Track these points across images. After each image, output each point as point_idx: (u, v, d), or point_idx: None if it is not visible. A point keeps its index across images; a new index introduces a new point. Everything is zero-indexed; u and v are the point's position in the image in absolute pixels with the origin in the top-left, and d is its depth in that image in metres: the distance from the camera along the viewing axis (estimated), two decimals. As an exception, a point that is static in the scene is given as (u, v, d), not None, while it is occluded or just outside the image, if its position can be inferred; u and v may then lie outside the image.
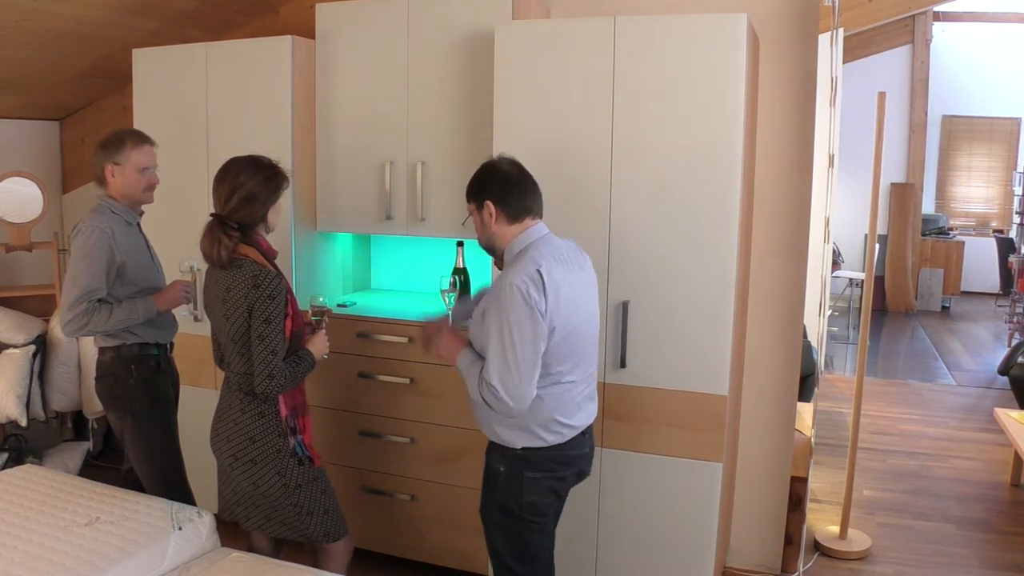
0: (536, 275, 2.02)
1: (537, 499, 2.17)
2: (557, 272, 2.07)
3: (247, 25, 3.85)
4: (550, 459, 2.16)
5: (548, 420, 2.12)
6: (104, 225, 2.53)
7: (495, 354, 2.02)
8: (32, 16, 3.14)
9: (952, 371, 6.65)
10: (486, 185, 2.16)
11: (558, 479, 2.19)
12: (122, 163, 2.57)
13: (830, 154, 3.34)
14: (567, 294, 2.08)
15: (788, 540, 3.15)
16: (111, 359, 2.63)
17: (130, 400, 2.63)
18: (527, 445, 2.14)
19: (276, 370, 2.20)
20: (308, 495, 2.34)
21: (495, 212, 2.14)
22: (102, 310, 2.50)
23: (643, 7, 3.02)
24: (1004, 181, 9.73)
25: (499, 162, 2.20)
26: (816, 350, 3.72)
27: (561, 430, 2.15)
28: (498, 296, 2.04)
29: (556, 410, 2.13)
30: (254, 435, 2.29)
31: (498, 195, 2.14)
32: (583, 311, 2.16)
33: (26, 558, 2.13)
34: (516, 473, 2.16)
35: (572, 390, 2.16)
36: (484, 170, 2.20)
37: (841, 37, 3.25)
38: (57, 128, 4.44)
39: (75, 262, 2.51)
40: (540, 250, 2.10)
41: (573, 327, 2.10)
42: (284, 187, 2.33)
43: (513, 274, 2.03)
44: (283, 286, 2.24)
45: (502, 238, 2.16)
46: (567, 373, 2.13)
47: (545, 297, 2.02)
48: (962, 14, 9.05)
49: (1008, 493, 4.15)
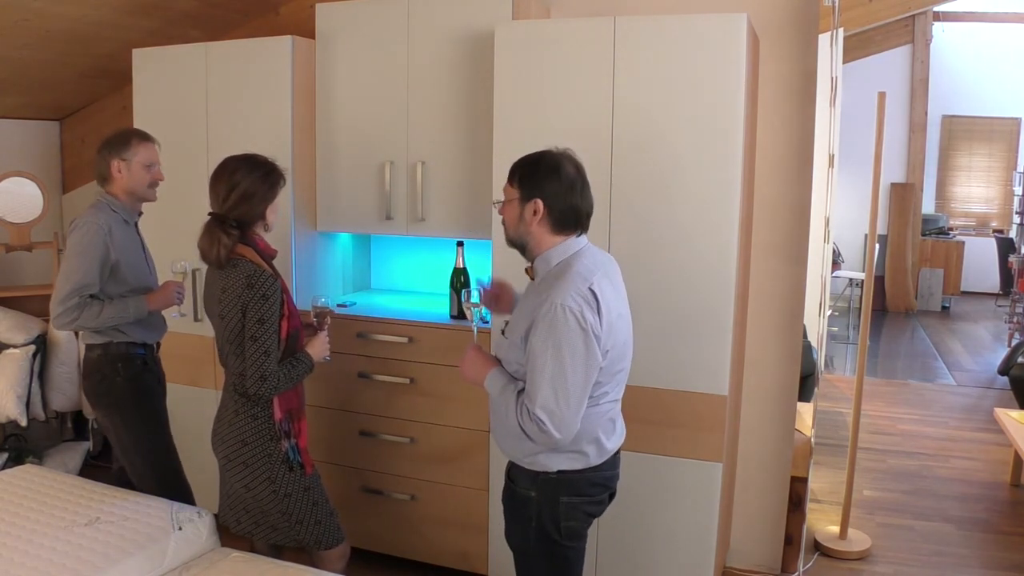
0: (589, 294, 1.83)
1: (575, 524, 1.99)
2: (608, 289, 1.89)
3: (247, 25, 3.85)
4: (587, 482, 1.98)
5: (591, 440, 1.95)
6: (102, 222, 2.54)
7: (544, 383, 1.81)
8: (32, 16, 3.14)
9: (952, 371, 6.65)
10: (542, 181, 1.90)
11: (596, 503, 2.03)
12: (129, 159, 2.60)
13: (830, 154, 3.34)
14: (614, 313, 1.91)
15: (788, 540, 3.15)
16: (98, 357, 2.65)
17: (116, 398, 2.65)
18: (564, 468, 1.94)
19: (269, 371, 2.18)
20: (298, 504, 2.33)
21: (542, 213, 1.90)
22: (92, 306, 2.51)
23: (643, 7, 3.02)
24: (1004, 181, 9.73)
25: (564, 160, 1.93)
26: (816, 350, 3.72)
27: (598, 450, 1.98)
28: (548, 317, 1.81)
29: (599, 428, 1.96)
30: (246, 437, 2.28)
31: (552, 197, 1.89)
32: (626, 330, 2.00)
33: (26, 558, 2.13)
34: (551, 499, 1.96)
35: (614, 408, 2.02)
36: (545, 163, 1.92)
37: (841, 37, 3.25)
38: (57, 128, 4.44)
39: (70, 257, 2.52)
40: (585, 263, 1.90)
41: (619, 345, 1.95)
42: (281, 185, 2.32)
43: (563, 293, 1.82)
44: (278, 286, 2.23)
45: (538, 243, 1.93)
46: (611, 392, 1.98)
47: (600, 318, 1.83)
48: (962, 14, 9.05)
49: (1008, 493, 4.15)
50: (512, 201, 1.94)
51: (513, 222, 1.95)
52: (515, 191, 1.93)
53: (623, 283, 2.07)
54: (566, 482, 1.95)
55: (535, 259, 1.96)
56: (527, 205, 1.90)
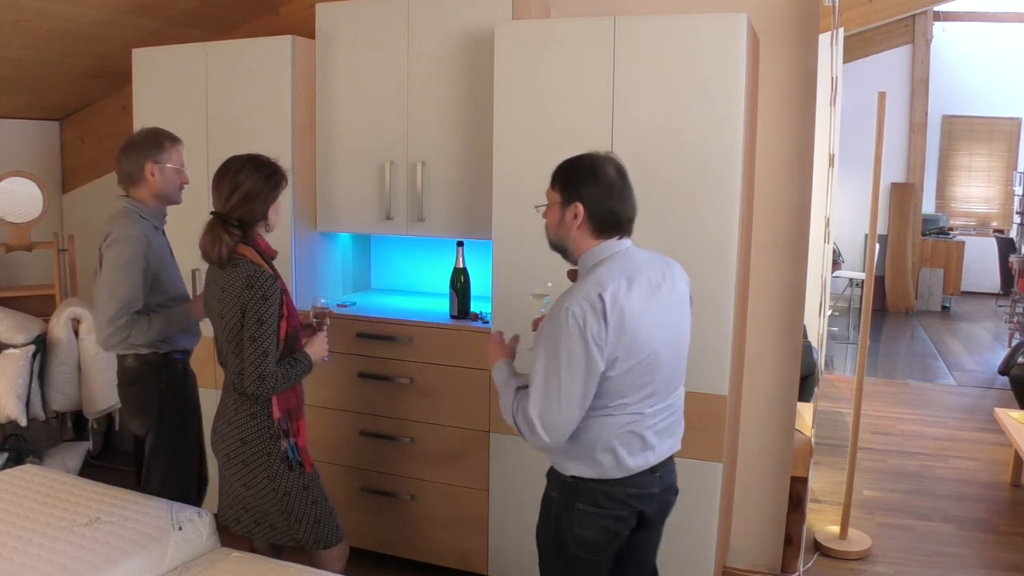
0: (597, 300, 1.78)
1: (588, 534, 1.92)
2: (626, 296, 1.81)
3: (247, 25, 3.85)
4: (602, 494, 1.91)
5: (606, 448, 1.88)
6: (140, 233, 2.48)
7: (539, 384, 1.80)
8: (32, 16, 3.14)
9: (952, 371, 6.65)
10: (583, 184, 1.88)
11: (614, 518, 1.93)
12: (163, 162, 2.54)
13: (830, 154, 3.34)
14: (638, 320, 1.82)
15: (788, 540, 3.15)
16: (137, 365, 2.57)
17: (159, 407, 2.59)
18: (577, 474, 1.91)
19: (267, 371, 2.19)
20: (297, 503, 2.33)
21: (582, 218, 1.87)
22: (141, 322, 2.46)
23: (643, 7, 3.02)
24: (1004, 181, 9.73)
25: (605, 163, 1.90)
26: (816, 350, 3.72)
27: (615, 463, 1.88)
28: (553, 320, 1.82)
29: (616, 440, 1.88)
30: (245, 436, 2.28)
31: (593, 201, 1.87)
32: (659, 337, 1.88)
33: (26, 558, 2.13)
34: (567, 502, 1.93)
35: (640, 422, 1.90)
36: (586, 166, 1.90)
37: (841, 37, 3.25)
38: (57, 128, 4.44)
39: (112, 273, 2.44)
40: (610, 268, 1.85)
41: (644, 356, 1.84)
42: (283, 185, 2.32)
43: (571, 298, 1.80)
44: (278, 287, 2.23)
45: (578, 247, 1.91)
46: (634, 404, 1.88)
47: (606, 325, 1.78)
48: (962, 14, 9.05)
49: (1008, 493, 4.15)
50: (553, 205, 1.93)
51: (554, 226, 1.94)
52: (556, 195, 1.92)
53: (683, 291, 1.99)
54: (581, 489, 1.91)
55: (577, 261, 1.94)
56: (567, 209, 1.89)
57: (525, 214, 2.76)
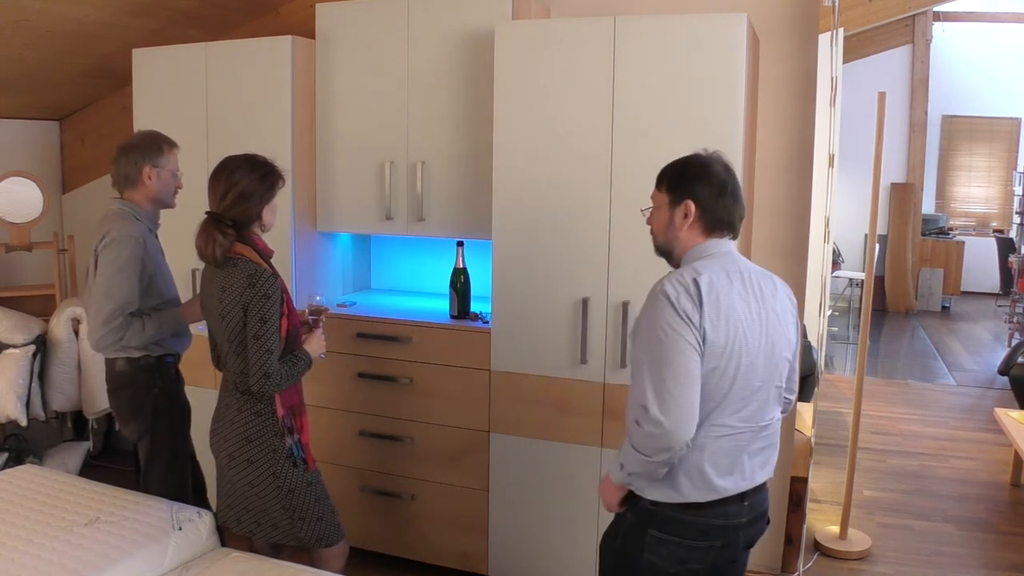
0: (692, 284, 1.70)
1: (658, 562, 1.80)
2: (723, 288, 1.73)
3: (247, 25, 3.85)
4: (681, 523, 1.77)
5: (691, 469, 1.74)
6: (137, 235, 2.47)
7: (645, 372, 1.69)
8: (32, 16, 3.14)
9: (952, 371, 6.65)
10: (693, 183, 1.81)
11: (689, 548, 1.79)
12: (162, 166, 2.53)
13: (830, 154, 3.34)
14: (737, 315, 1.73)
15: (788, 540, 3.15)
16: (130, 369, 2.55)
17: (154, 411, 2.58)
18: (658, 499, 1.77)
19: (272, 369, 2.19)
20: (301, 500, 2.33)
21: (693, 216, 1.80)
22: (135, 324, 2.45)
23: (643, 7, 3.02)
24: (1004, 181, 9.73)
25: (713, 162, 1.84)
26: (816, 350, 3.72)
27: (702, 483, 1.75)
28: (648, 304, 1.75)
29: (704, 459, 1.74)
30: (250, 435, 2.29)
31: (705, 199, 1.80)
32: (757, 345, 1.75)
33: (26, 558, 2.13)
34: (640, 526, 1.81)
35: (732, 438, 1.76)
36: (695, 165, 1.84)
37: (841, 37, 3.25)
38: (57, 128, 4.44)
39: (109, 275, 2.43)
40: (711, 262, 1.78)
41: (739, 358, 1.72)
42: (279, 186, 2.32)
43: (666, 280, 1.74)
44: (279, 285, 2.23)
45: (685, 246, 1.83)
46: (725, 415, 1.74)
47: (700, 308, 1.68)
48: (962, 14, 9.05)
49: (1008, 493, 4.15)
50: (661, 207, 1.86)
51: (662, 228, 1.86)
52: (664, 196, 1.85)
53: (788, 308, 1.86)
54: (660, 515, 1.79)
55: (679, 262, 1.85)
56: (677, 208, 1.82)
57: (525, 214, 2.77)
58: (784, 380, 1.86)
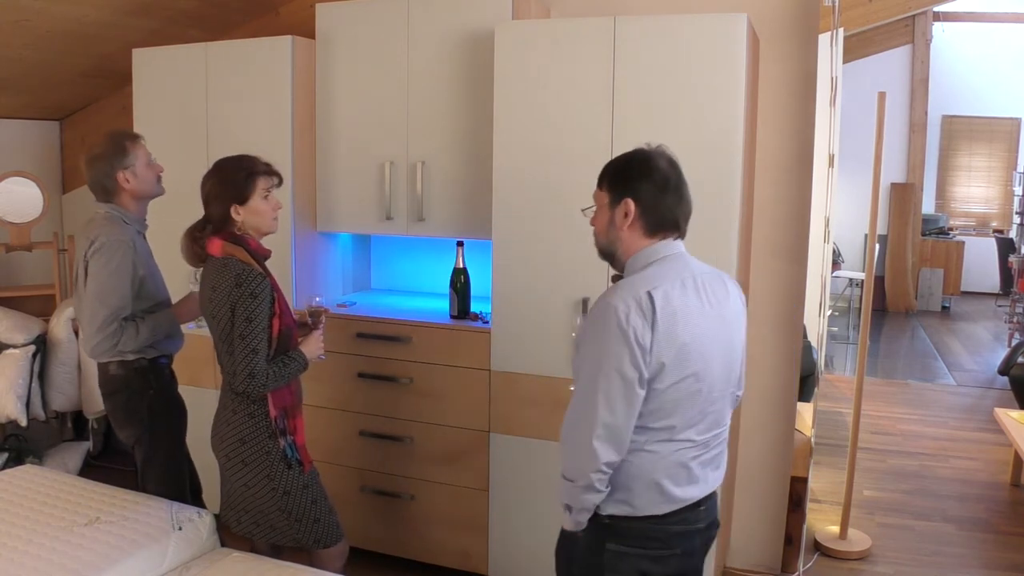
0: (645, 298, 1.61)
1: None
2: (679, 300, 1.65)
3: (247, 25, 3.85)
4: (642, 533, 1.72)
5: (649, 484, 1.69)
6: (126, 238, 2.46)
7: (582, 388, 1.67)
8: (32, 16, 3.14)
9: (952, 371, 6.65)
10: (634, 180, 1.72)
11: (652, 559, 1.74)
12: (132, 164, 2.51)
13: (830, 154, 3.34)
14: (692, 328, 1.65)
15: (788, 540, 3.15)
16: (124, 372, 2.53)
17: (150, 413, 2.57)
18: (615, 513, 1.72)
19: (257, 369, 2.18)
20: (297, 502, 2.33)
21: (633, 216, 1.71)
22: (129, 329, 2.44)
23: (643, 7, 3.02)
24: (1004, 181, 9.73)
25: (656, 157, 1.74)
26: (816, 350, 3.72)
27: (661, 497, 1.70)
28: (594, 316, 1.66)
29: (661, 472, 1.69)
30: (244, 436, 2.29)
31: (645, 198, 1.71)
32: (712, 352, 1.70)
33: (26, 558, 2.13)
34: (597, 543, 1.74)
35: (688, 451, 1.71)
36: (636, 161, 1.74)
37: (841, 37, 3.25)
38: (57, 128, 4.44)
39: (101, 280, 2.42)
40: (663, 269, 1.69)
41: (695, 370, 1.67)
42: (252, 187, 2.27)
43: (617, 293, 1.64)
44: (267, 285, 2.23)
45: (628, 248, 1.75)
46: (682, 429, 1.69)
47: (652, 328, 1.60)
48: (962, 14, 9.05)
49: (1008, 493, 4.15)
50: (602, 207, 1.78)
51: (603, 229, 1.78)
52: (604, 195, 1.77)
53: (739, 309, 1.82)
54: (615, 528, 1.73)
55: (624, 266, 1.77)
56: (617, 208, 1.73)
57: (525, 214, 2.77)
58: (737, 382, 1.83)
